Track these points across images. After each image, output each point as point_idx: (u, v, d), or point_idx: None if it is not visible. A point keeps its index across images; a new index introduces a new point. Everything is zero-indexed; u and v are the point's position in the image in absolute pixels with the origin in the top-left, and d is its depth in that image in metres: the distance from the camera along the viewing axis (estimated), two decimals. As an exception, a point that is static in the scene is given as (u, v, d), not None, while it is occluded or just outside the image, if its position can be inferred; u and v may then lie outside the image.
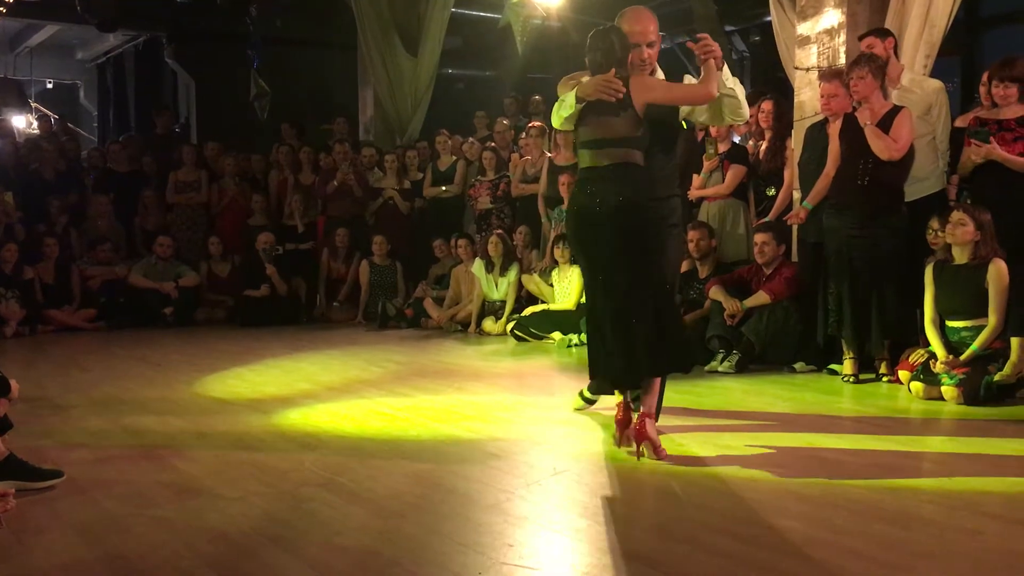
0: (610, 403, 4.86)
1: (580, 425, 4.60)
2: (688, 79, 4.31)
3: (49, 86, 17.92)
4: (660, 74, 4.26)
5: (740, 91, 4.22)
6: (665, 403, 4.84)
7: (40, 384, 5.93)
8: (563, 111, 4.22)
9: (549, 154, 8.77)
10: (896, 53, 5.98)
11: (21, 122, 15.12)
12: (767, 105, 6.84)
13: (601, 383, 4.42)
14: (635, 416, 4.03)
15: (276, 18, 12.90)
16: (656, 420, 4.14)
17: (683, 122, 4.39)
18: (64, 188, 10.13)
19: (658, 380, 4.12)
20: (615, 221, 3.96)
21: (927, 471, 3.68)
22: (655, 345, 3.98)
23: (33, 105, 16.07)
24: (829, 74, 5.98)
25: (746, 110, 4.34)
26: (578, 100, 4.13)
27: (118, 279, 9.57)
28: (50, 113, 14.26)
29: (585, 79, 4.16)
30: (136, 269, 9.61)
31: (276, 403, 5.27)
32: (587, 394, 4.85)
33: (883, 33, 5.95)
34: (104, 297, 9.45)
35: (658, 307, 4.00)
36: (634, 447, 3.94)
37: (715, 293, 6.42)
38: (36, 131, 14.08)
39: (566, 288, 8.08)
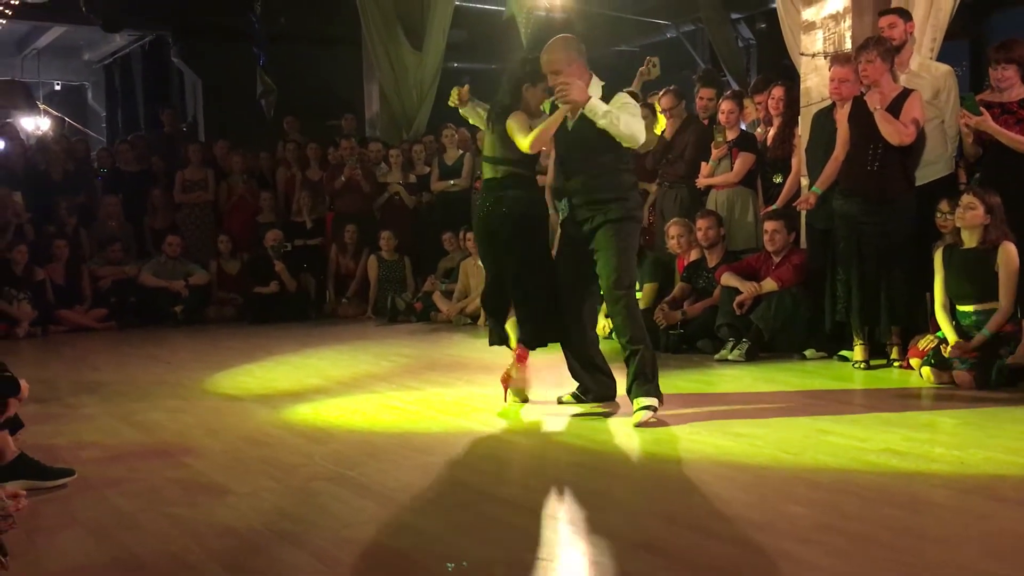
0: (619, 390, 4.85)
1: (589, 416, 4.60)
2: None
3: (57, 88, 17.98)
4: (596, 87, 4.49)
5: (622, 120, 4.33)
6: (675, 391, 4.87)
7: (51, 383, 5.96)
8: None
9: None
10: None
11: (29, 124, 15.18)
12: (778, 91, 6.76)
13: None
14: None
15: (280, 15, 12.91)
16: (659, 404, 4.40)
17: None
18: (73, 189, 10.16)
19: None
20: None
21: (938, 456, 3.66)
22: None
23: (41, 107, 16.13)
24: (841, 58, 5.93)
25: (637, 137, 4.41)
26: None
27: (128, 279, 9.61)
28: (54, 113, 14.31)
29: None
30: (146, 268, 9.65)
31: (286, 398, 5.28)
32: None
33: (906, 15, 5.87)
34: (115, 297, 9.49)
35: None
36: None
37: (728, 279, 6.37)
38: (44, 132, 14.13)
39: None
